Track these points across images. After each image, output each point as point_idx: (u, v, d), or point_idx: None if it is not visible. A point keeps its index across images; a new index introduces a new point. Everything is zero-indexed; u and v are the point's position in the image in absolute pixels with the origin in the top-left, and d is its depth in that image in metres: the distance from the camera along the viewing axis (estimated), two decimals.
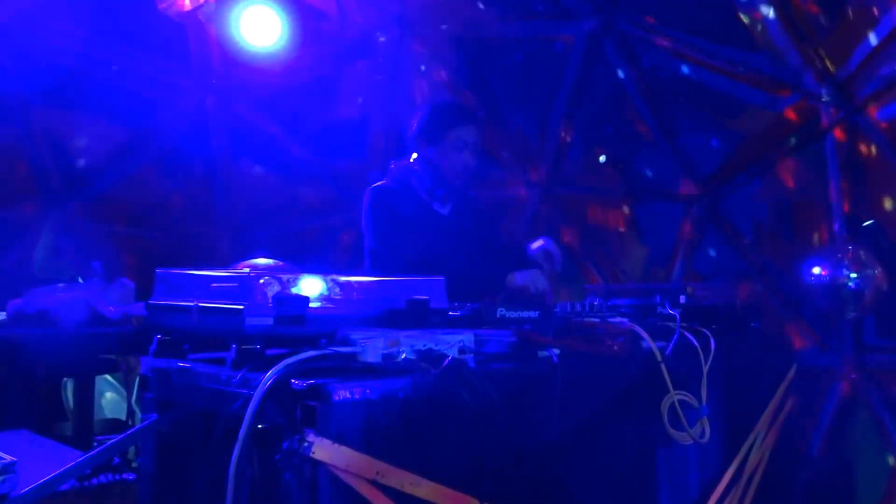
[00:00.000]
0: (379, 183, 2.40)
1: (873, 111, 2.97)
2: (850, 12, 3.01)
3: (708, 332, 1.89)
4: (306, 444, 1.23)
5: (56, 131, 3.82)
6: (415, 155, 2.39)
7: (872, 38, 2.87)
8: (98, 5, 3.50)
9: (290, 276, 1.43)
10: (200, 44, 3.67)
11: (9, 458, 1.37)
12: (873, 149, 3.04)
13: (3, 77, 3.40)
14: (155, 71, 3.74)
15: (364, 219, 2.34)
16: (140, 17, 3.61)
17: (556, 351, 1.58)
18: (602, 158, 3.98)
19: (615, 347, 1.66)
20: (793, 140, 3.25)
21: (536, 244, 2.31)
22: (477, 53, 4.03)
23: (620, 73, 3.65)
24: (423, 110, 2.42)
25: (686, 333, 1.86)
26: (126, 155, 4.01)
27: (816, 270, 2.78)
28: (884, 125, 2.96)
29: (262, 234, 3.99)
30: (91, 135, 3.90)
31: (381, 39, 3.98)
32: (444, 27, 3.95)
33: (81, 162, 3.93)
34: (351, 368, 1.32)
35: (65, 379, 3.07)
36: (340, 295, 1.48)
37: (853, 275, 2.72)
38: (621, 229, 3.99)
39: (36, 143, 3.76)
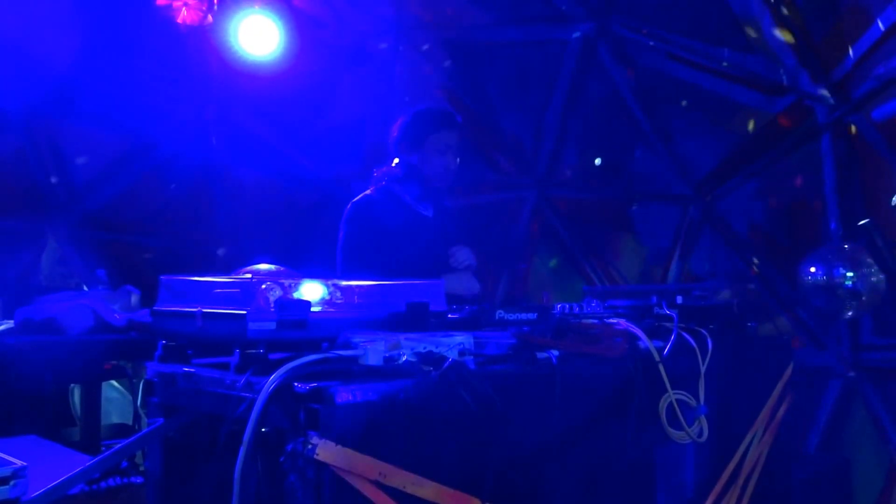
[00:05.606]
0: (362, 195, 2.43)
1: (869, 111, 2.99)
2: (845, 12, 3.03)
3: (705, 333, 1.91)
4: (310, 446, 1.25)
5: (59, 142, 3.85)
6: (396, 160, 2.43)
7: (867, 38, 2.89)
8: (99, 15, 3.53)
9: (291, 280, 1.46)
10: (199, 53, 3.71)
11: (19, 462, 1.39)
12: (869, 148, 3.06)
13: (4, 89, 3.43)
14: (155, 80, 3.78)
15: (342, 231, 2.38)
16: (140, 27, 3.64)
17: (555, 352, 1.60)
18: (598, 161, 4.01)
19: (613, 348, 1.69)
20: (788, 140, 3.28)
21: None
22: (472, 58, 4.05)
23: (615, 76, 3.68)
24: (405, 117, 2.44)
25: (683, 334, 1.88)
26: (128, 164, 4.04)
27: (813, 270, 2.80)
28: (879, 124, 2.98)
29: (262, 240, 4.01)
30: (93, 144, 3.93)
31: (378, 46, 4.01)
32: (439, 32, 3.98)
33: (84, 171, 3.96)
34: (353, 371, 1.34)
35: (72, 385, 3.09)
36: (341, 299, 1.50)
37: (850, 274, 2.73)
38: (618, 231, 4.01)
39: (39, 153, 3.79)
